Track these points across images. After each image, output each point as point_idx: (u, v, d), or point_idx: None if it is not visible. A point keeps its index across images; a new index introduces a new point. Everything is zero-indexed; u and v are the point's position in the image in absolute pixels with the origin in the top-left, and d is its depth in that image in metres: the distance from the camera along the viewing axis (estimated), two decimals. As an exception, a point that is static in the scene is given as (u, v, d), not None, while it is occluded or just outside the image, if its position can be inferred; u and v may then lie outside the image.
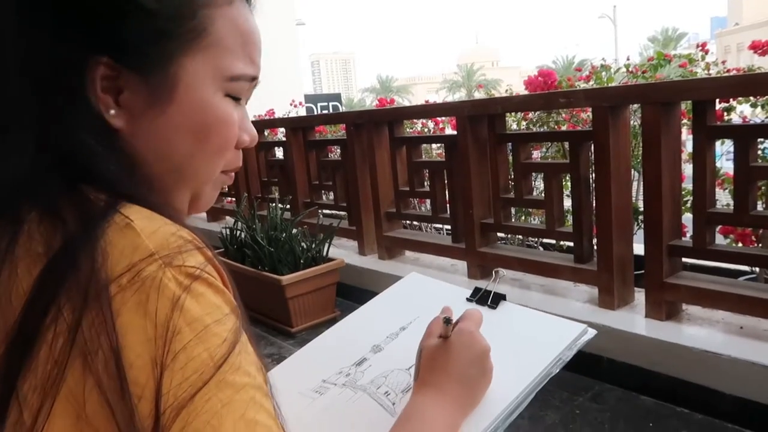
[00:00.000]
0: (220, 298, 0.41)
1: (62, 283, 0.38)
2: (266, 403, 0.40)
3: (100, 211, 0.41)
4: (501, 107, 2.22)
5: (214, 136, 0.50)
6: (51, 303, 0.37)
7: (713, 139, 1.70)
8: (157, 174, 0.49)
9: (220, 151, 0.51)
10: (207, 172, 0.52)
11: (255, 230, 2.55)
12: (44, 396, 0.36)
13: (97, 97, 0.45)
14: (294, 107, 6.27)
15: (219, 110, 0.50)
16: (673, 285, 1.76)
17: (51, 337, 0.37)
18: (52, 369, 0.36)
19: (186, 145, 0.49)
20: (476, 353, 0.64)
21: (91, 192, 0.42)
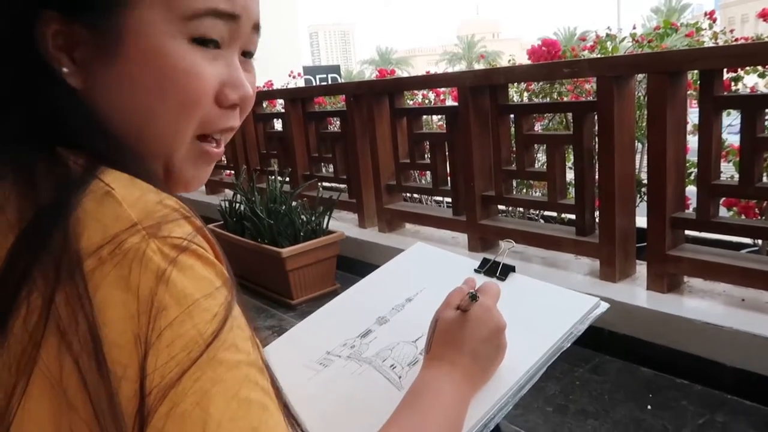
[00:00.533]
0: (210, 271, 0.38)
1: (34, 257, 0.35)
2: (261, 380, 0.38)
3: (76, 178, 0.37)
4: (504, 78, 2.18)
5: (172, 90, 0.43)
6: (23, 279, 0.34)
7: (720, 109, 1.67)
8: (124, 138, 0.44)
9: (185, 108, 0.44)
10: (172, 134, 0.45)
11: (254, 203, 2.53)
12: (18, 375, 0.34)
13: (50, 54, 0.42)
14: (293, 78, 6.19)
15: (176, 58, 0.43)
16: (675, 257, 1.75)
17: (24, 315, 0.34)
18: (26, 347, 0.34)
19: (143, 102, 0.43)
20: (492, 330, 0.63)
21: (69, 156, 0.39)
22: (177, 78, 0.43)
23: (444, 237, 2.63)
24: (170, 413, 0.33)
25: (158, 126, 0.44)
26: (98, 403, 0.33)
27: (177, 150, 0.46)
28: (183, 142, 0.46)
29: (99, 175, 0.38)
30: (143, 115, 0.44)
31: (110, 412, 0.33)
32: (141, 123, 0.44)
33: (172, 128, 0.45)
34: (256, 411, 0.36)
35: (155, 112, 0.44)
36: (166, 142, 0.45)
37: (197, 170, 0.48)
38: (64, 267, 0.34)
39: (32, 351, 0.34)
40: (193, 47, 0.44)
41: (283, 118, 3.36)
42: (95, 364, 0.33)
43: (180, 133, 0.45)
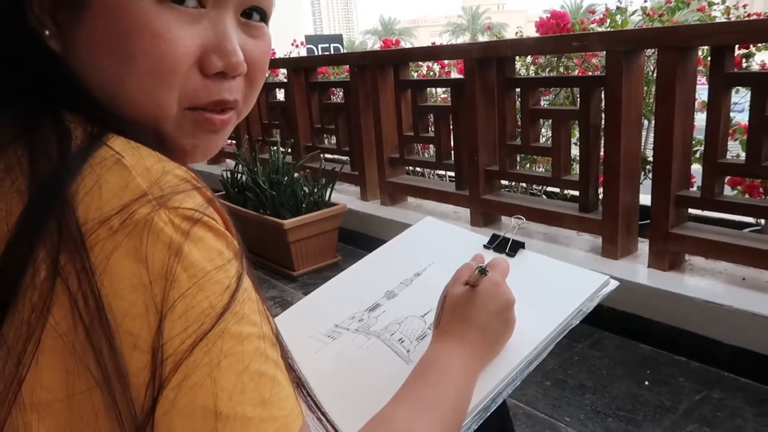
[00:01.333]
0: (221, 243, 0.37)
1: (42, 226, 0.34)
2: (272, 353, 0.37)
3: (85, 145, 0.36)
4: (511, 50, 2.14)
5: (139, 55, 0.39)
6: (31, 248, 0.34)
7: (730, 86, 1.65)
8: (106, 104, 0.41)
9: (156, 76, 0.40)
10: (150, 103, 0.41)
11: (256, 173, 2.52)
12: (28, 338, 0.33)
13: (34, 16, 0.40)
14: (295, 47, 6.11)
15: (143, 19, 0.39)
16: (678, 235, 1.75)
17: (32, 285, 0.34)
18: (35, 312, 0.33)
19: (110, 66, 0.40)
20: (501, 305, 0.63)
21: (73, 120, 0.38)
22: (143, 41, 0.39)
23: (446, 211, 2.62)
24: (182, 384, 0.33)
25: (131, 93, 0.41)
26: (107, 373, 0.33)
27: (163, 120, 0.42)
28: (166, 112, 0.42)
29: (107, 141, 0.37)
30: (112, 81, 0.40)
31: (119, 381, 0.33)
32: (113, 89, 0.41)
33: (148, 97, 0.41)
34: (266, 383, 0.36)
35: (123, 79, 0.40)
36: (146, 111, 0.42)
37: (196, 139, 0.45)
38: (74, 236, 0.34)
39: (42, 315, 0.33)
40: (163, 6, 0.40)
41: (286, 88, 3.32)
42: (104, 336, 0.33)
43: (159, 102, 0.41)
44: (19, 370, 0.33)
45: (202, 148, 0.46)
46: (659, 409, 1.42)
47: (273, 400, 0.36)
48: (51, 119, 0.38)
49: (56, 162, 0.36)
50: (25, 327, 0.33)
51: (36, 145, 0.37)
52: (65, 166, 0.35)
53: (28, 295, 0.33)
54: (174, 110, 0.42)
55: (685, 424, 1.36)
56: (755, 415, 1.37)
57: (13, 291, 0.34)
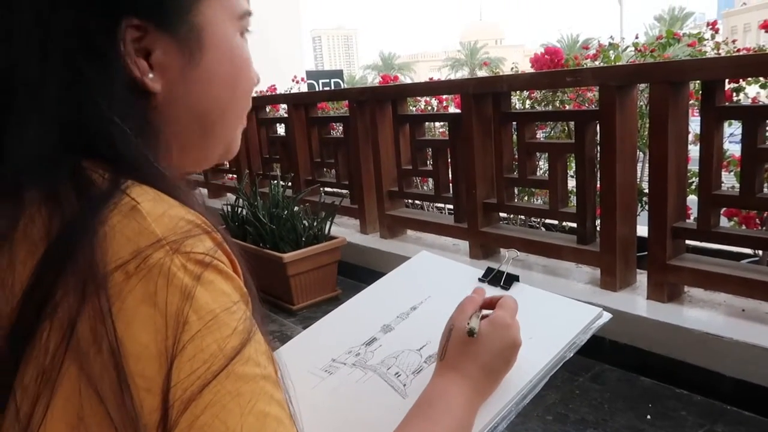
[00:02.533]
0: (229, 286, 0.39)
1: (59, 273, 0.35)
2: (277, 394, 0.39)
3: (103, 193, 0.38)
4: (507, 85, 2.19)
5: (243, 80, 0.50)
6: (48, 295, 0.35)
7: (722, 120, 1.68)
8: (190, 136, 0.48)
9: (248, 94, 0.51)
10: (240, 118, 0.51)
11: (256, 207, 2.54)
12: (39, 394, 0.34)
13: (133, 61, 0.42)
14: (296, 83, 6.21)
15: (242, 51, 0.49)
16: (675, 267, 1.75)
17: (47, 331, 0.35)
18: (49, 365, 0.34)
19: (223, 95, 0.48)
20: (507, 346, 0.63)
21: (97, 169, 0.40)
22: (245, 68, 0.49)
23: (445, 244, 2.63)
24: (191, 426, 0.34)
25: (231, 114, 0.50)
26: (119, 419, 0.34)
27: (238, 128, 0.52)
28: (244, 121, 0.52)
29: (125, 189, 0.38)
30: (220, 108, 0.48)
31: (132, 425, 0.34)
32: (217, 116, 0.48)
33: (242, 113, 0.51)
34: (272, 424, 0.37)
35: (230, 102, 0.49)
36: (236, 125, 0.51)
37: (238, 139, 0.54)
38: (89, 283, 0.35)
39: (53, 368, 0.34)
40: (243, 39, 0.50)
41: (286, 123, 3.37)
42: (115, 378, 0.34)
43: (244, 115, 0.52)
44: (34, 413, 0.34)
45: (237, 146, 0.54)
46: (662, 443, 1.40)
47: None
48: (71, 166, 0.39)
49: (75, 210, 0.37)
50: (41, 371, 0.34)
51: (54, 193, 0.38)
52: (84, 214, 0.37)
53: (46, 340, 0.34)
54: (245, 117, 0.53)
55: (689, 459, 1.34)
56: (759, 450, 1.35)
57: (30, 337, 0.35)
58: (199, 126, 0.48)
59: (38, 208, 0.38)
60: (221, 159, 0.53)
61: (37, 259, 0.36)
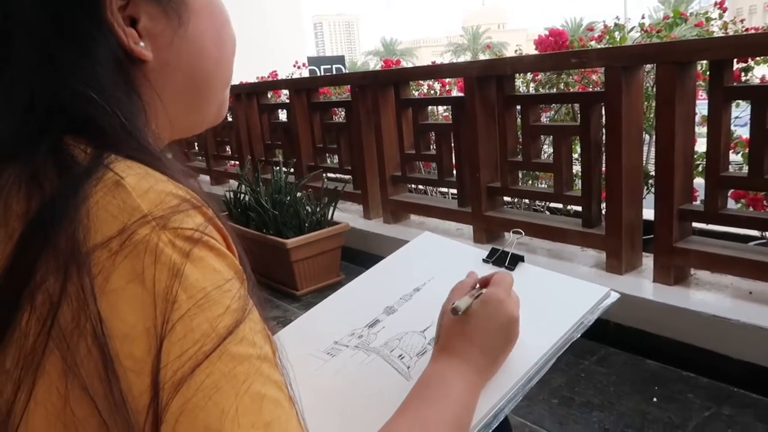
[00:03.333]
0: (221, 262, 0.37)
1: (39, 254, 0.34)
2: (274, 375, 0.37)
3: (85, 168, 0.36)
4: (510, 68, 2.16)
5: (227, 37, 0.49)
6: (27, 278, 0.33)
7: (730, 100, 1.65)
8: (184, 100, 0.47)
9: (234, 50, 0.51)
10: (229, 72, 0.51)
11: (259, 193, 2.52)
12: (21, 380, 0.33)
13: (123, 30, 0.41)
14: (297, 69, 6.17)
15: (222, 8, 0.49)
16: (682, 249, 1.74)
17: (28, 316, 0.33)
18: (30, 350, 0.33)
19: (212, 54, 0.48)
20: (503, 322, 0.61)
21: (79, 144, 0.38)
22: (226, 25, 0.49)
23: (449, 228, 2.62)
24: (183, 408, 0.33)
25: (222, 72, 0.49)
26: (104, 404, 0.33)
27: (228, 86, 0.52)
28: (230, 79, 0.52)
29: (108, 164, 0.37)
30: (212, 67, 0.48)
31: (118, 409, 0.32)
32: (209, 75, 0.48)
33: (230, 70, 0.51)
34: (269, 406, 0.35)
35: (220, 61, 0.49)
36: (224, 85, 0.51)
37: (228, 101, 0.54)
38: (71, 262, 0.33)
39: (36, 355, 0.33)
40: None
41: (288, 109, 3.35)
42: (102, 363, 0.32)
43: (231, 72, 0.51)
44: (17, 399, 0.33)
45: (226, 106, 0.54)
46: (668, 426, 1.40)
47: (274, 422, 0.35)
48: (52, 142, 0.38)
49: (56, 186, 0.35)
50: (23, 357, 0.33)
51: (36, 167, 0.36)
52: (65, 190, 0.35)
53: (26, 324, 0.33)
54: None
55: (696, 441, 1.34)
56: (767, 432, 1.34)
57: (10, 322, 0.33)
58: (193, 88, 0.48)
59: (17, 187, 0.36)
60: (215, 120, 0.53)
61: (15, 241, 0.35)
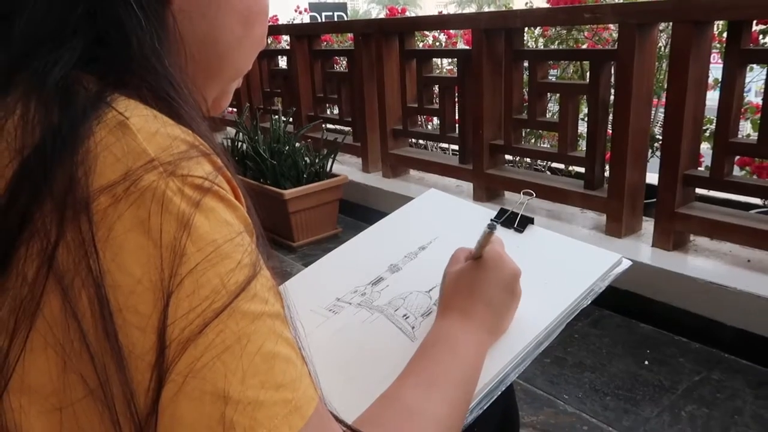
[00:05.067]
0: (232, 214, 0.35)
1: (36, 193, 0.31)
2: (285, 332, 0.35)
3: (87, 104, 0.33)
4: (521, 21, 2.08)
5: (258, 25, 0.46)
6: (25, 215, 0.31)
7: (746, 63, 1.60)
8: (194, 63, 0.43)
9: (261, 42, 0.47)
10: (245, 64, 0.47)
11: (257, 142, 2.48)
12: (17, 325, 0.31)
13: None
14: (299, 14, 5.99)
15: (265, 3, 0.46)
16: (684, 215, 1.72)
17: (24, 258, 0.31)
18: (28, 295, 0.31)
19: (235, 30, 0.44)
20: (504, 276, 0.61)
21: (82, 78, 0.35)
22: (262, 15, 0.46)
23: (448, 185, 2.59)
24: (191, 367, 0.31)
25: (240, 55, 0.46)
26: (101, 361, 0.31)
27: (237, 78, 0.48)
28: (246, 70, 0.48)
29: (112, 102, 0.34)
30: (230, 43, 0.44)
31: (119, 367, 0.30)
32: (226, 50, 0.44)
33: (249, 59, 0.47)
34: (280, 364, 0.34)
35: (242, 42, 0.45)
36: (238, 71, 0.47)
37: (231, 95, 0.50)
38: (69, 206, 0.31)
39: (32, 299, 0.31)
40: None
41: (289, 55, 3.25)
42: (100, 317, 0.30)
43: (249, 64, 0.48)
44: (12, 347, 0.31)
45: (229, 101, 0.51)
46: (658, 388, 1.41)
47: (286, 382, 0.34)
48: (58, 76, 0.34)
49: (56, 121, 0.32)
50: (19, 302, 0.31)
51: (37, 103, 0.33)
52: (65, 126, 0.32)
53: (23, 267, 0.31)
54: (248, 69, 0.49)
55: (684, 404, 1.35)
56: (755, 397, 1.36)
57: (5, 263, 0.31)
58: (207, 57, 0.44)
59: (19, 116, 0.33)
60: (210, 109, 0.48)
61: (8, 180, 0.32)
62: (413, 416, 0.48)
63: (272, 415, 0.32)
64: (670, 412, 1.33)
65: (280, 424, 0.32)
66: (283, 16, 5.32)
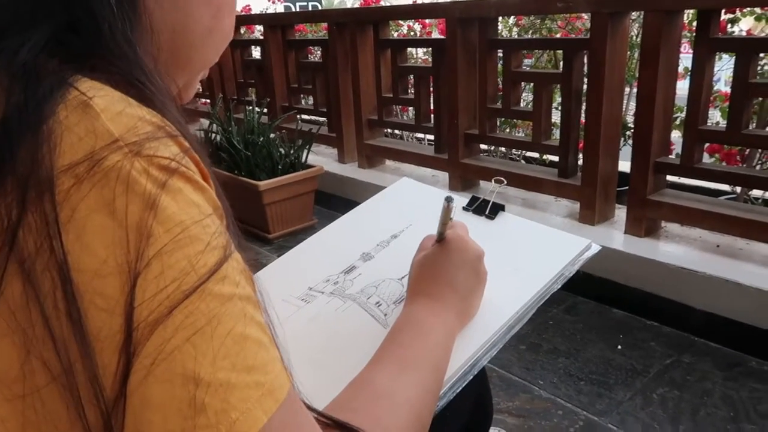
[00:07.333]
0: (200, 196, 0.34)
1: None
2: (257, 316, 0.35)
3: (50, 84, 0.32)
4: (495, 10, 2.08)
5: (227, 16, 0.45)
6: None
7: (715, 51, 1.62)
8: (164, 50, 0.42)
9: (229, 34, 0.47)
10: (213, 55, 0.47)
11: (231, 133, 2.44)
12: None
13: None
14: (272, 3, 5.91)
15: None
16: (655, 202, 1.75)
17: None
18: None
19: (205, 21, 0.44)
20: (468, 257, 0.61)
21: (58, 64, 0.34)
22: (232, 6, 0.45)
23: (424, 175, 2.59)
24: (159, 350, 0.30)
25: (210, 46, 0.45)
26: (64, 343, 0.30)
27: (204, 69, 0.48)
28: (213, 62, 0.48)
29: (74, 82, 0.33)
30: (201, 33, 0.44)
31: (86, 352, 0.30)
32: (194, 40, 0.44)
33: (217, 51, 0.47)
34: (252, 347, 0.33)
35: (212, 32, 0.45)
36: (206, 62, 0.47)
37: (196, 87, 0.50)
38: (31, 185, 0.30)
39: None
40: None
41: (262, 46, 3.21)
42: (64, 300, 0.29)
43: (217, 55, 0.47)
44: None
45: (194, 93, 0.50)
46: (630, 372, 1.44)
47: (258, 365, 0.33)
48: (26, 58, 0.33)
49: (20, 102, 0.32)
50: None
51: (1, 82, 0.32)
52: (26, 105, 0.31)
53: None
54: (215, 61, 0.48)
55: (655, 387, 1.38)
56: (724, 379, 1.40)
57: None
58: (177, 45, 0.43)
59: None
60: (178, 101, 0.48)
61: None
62: (384, 399, 0.48)
63: (245, 397, 0.32)
64: (643, 395, 1.36)
65: (253, 407, 0.32)
66: (256, 6, 5.24)
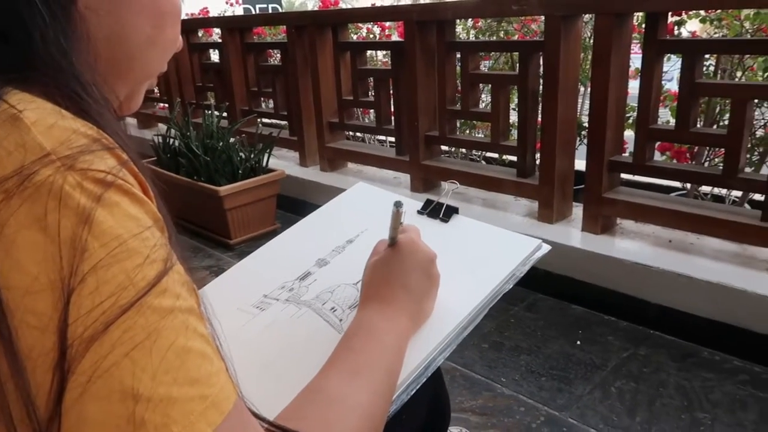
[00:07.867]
0: (139, 209, 0.33)
1: None
2: (200, 328, 0.34)
3: None
4: (452, 13, 2.10)
5: (170, 26, 0.45)
6: None
7: (663, 53, 1.68)
8: (102, 62, 0.40)
9: (173, 44, 0.46)
10: (156, 65, 0.46)
11: (190, 138, 2.40)
12: None
13: None
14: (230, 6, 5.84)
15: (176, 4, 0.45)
16: (610, 200, 1.79)
17: None
18: None
19: (145, 30, 0.43)
20: (420, 260, 0.62)
21: None
22: (175, 16, 0.45)
23: (386, 177, 2.60)
24: (96, 366, 0.30)
25: (151, 56, 0.45)
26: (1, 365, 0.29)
27: (149, 78, 0.47)
28: (158, 71, 0.47)
29: (3, 95, 0.32)
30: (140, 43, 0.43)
31: (17, 371, 0.29)
32: (134, 51, 0.43)
33: (161, 61, 0.46)
34: (194, 359, 0.33)
35: (153, 43, 0.44)
36: (148, 72, 0.46)
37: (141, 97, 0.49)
38: None
39: None
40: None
41: (220, 49, 3.17)
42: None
43: (162, 65, 0.47)
44: None
45: (140, 102, 0.49)
46: (590, 367, 1.47)
47: (202, 377, 0.32)
48: None
49: None
50: None
51: None
52: None
53: None
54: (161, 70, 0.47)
55: (614, 380, 1.42)
56: (678, 369, 1.44)
57: None
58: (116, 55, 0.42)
59: None
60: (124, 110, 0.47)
61: None
62: (335, 405, 0.48)
63: (187, 411, 0.31)
64: (601, 388, 1.39)
65: (196, 420, 0.31)
66: (215, 8, 5.17)
